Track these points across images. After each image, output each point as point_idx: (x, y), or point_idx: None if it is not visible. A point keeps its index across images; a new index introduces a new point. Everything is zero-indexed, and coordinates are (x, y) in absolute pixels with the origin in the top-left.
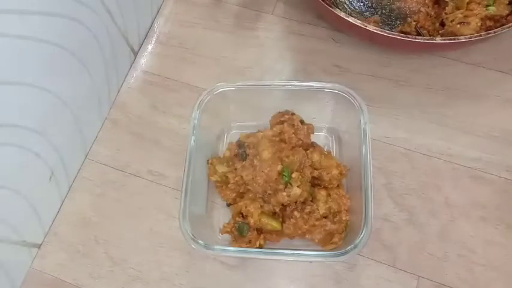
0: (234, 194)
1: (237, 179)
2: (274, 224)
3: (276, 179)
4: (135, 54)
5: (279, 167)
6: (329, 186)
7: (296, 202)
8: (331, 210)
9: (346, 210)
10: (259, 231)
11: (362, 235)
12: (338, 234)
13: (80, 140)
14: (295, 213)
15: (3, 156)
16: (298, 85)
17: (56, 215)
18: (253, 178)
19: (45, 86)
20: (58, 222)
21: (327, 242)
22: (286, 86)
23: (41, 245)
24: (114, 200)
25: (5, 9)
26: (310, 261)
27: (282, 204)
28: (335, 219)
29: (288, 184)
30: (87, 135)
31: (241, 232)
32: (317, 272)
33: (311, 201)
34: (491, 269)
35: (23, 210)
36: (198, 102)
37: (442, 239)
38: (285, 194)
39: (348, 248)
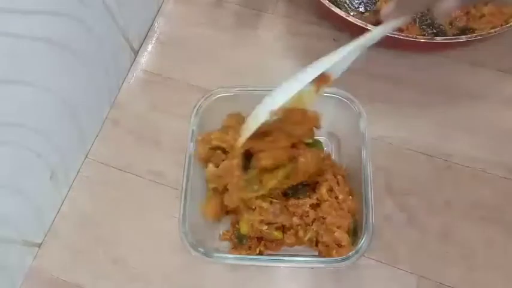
0: None
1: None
2: (276, 233)
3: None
4: (136, 53)
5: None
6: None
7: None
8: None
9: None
10: (260, 238)
11: (363, 240)
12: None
13: (80, 139)
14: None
15: (3, 156)
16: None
17: (56, 214)
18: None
19: (45, 85)
20: (58, 221)
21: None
22: None
23: (41, 244)
24: (114, 199)
25: (6, 9)
26: (312, 268)
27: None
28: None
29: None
30: (87, 135)
31: (241, 240)
32: (317, 271)
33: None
34: (491, 269)
35: (23, 209)
36: (196, 108)
37: (442, 239)
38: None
39: (350, 253)
